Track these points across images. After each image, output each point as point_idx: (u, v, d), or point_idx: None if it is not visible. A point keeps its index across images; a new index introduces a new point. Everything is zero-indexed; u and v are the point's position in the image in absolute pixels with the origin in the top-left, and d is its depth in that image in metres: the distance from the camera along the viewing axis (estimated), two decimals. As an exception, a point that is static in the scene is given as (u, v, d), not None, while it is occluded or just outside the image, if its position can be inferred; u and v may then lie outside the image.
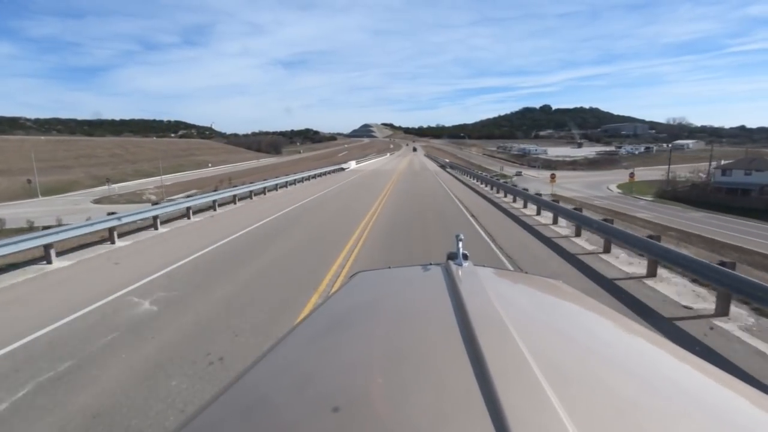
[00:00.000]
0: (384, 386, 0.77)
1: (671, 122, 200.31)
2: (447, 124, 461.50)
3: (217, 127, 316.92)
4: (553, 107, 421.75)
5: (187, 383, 4.37)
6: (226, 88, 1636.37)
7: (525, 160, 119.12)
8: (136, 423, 3.75)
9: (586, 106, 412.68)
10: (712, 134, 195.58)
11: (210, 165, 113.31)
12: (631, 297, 7.13)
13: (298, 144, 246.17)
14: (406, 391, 0.73)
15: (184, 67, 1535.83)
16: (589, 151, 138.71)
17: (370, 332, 1.09)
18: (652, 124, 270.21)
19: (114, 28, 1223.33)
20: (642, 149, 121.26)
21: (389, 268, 1.74)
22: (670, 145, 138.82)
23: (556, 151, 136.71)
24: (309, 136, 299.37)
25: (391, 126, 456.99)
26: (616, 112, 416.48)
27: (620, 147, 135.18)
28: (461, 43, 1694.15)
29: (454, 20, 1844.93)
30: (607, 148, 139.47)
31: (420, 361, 0.84)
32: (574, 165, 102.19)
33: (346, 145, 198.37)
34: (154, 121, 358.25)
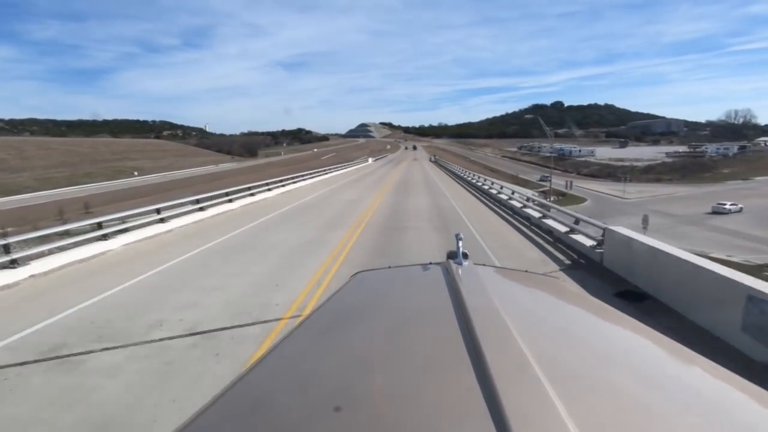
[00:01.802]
0: (385, 385, 0.76)
1: (731, 118, 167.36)
2: (450, 123, 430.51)
3: (211, 129, 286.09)
4: (566, 104, 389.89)
5: None
6: (226, 90, 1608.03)
7: (569, 164, 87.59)
8: None
9: (600, 102, 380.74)
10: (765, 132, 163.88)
11: (136, 173, 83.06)
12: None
13: (284, 145, 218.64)
14: (408, 389, 0.72)
15: (184, 69, 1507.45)
16: (638, 152, 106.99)
17: (371, 331, 1.07)
18: (685, 122, 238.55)
19: (115, 31, 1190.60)
20: (735, 149, 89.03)
21: (389, 267, 1.69)
22: (766, 143, 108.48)
23: (602, 153, 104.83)
24: (299, 137, 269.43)
25: (389, 125, 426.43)
26: (633, 109, 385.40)
27: (700, 146, 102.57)
28: (461, 43, 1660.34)
29: (454, 21, 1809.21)
30: (678, 149, 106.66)
31: (421, 359, 0.84)
32: (654, 173, 70.16)
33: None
34: (138, 121, 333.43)
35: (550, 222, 11.09)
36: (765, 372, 4.21)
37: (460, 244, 1.50)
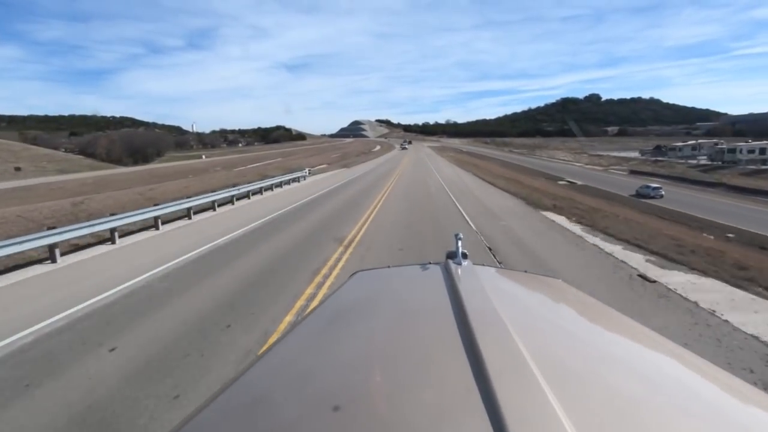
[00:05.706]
0: (383, 385, 0.77)
1: None
2: (459, 121, 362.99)
3: (198, 128, 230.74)
4: (603, 98, 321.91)
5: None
6: (227, 91, 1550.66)
7: None
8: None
9: (644, 95, 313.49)
10: None
11: None
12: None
13: (240, 145, 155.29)
14: (406, 389, 0.72)
15: (187, 70, 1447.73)
16: None
17: (369, 331, 1.07)
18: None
19: (119, 32, 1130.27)
20: None
21: (389, 267, 1.69)
22: None
23: None
24: (264, 135, 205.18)
25: (387, 123, 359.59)
26: (685, 104, 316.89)
27: None
28: (464, 46, 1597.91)
29: (458, 24, 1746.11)
30: None
31: (419, 359, 0.84)
32: None
33: (279, 151, 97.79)
34: (94, 116, 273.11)
35: None
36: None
37: (459, 243, 1.47)
